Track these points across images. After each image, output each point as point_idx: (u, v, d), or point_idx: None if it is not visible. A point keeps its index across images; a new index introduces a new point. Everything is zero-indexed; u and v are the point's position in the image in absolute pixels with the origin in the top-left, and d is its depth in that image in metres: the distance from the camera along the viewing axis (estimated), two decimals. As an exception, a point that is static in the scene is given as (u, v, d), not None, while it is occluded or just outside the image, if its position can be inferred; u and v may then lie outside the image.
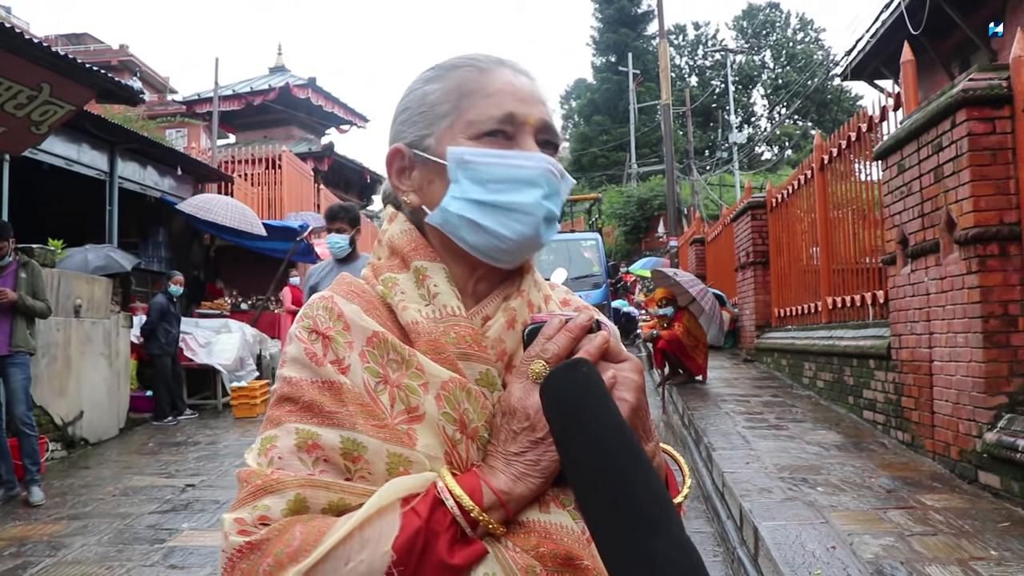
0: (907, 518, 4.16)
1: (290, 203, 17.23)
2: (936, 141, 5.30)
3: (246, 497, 0.92)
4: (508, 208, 0.99)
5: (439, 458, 0.92)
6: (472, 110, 1.03)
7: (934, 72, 13.07)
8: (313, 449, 0.92)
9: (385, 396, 0.94)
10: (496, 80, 1.05)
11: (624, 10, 52.93)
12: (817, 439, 6.28)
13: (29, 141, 7.46)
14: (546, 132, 1.05)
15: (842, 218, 8.53)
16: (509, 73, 1.06)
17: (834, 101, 49.66)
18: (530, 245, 1.02)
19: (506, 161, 1.00)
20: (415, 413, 0.93)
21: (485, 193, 1.00)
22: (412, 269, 1.04)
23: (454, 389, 0.94)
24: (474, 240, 1.01)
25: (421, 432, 0.93)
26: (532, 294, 1.08)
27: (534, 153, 1.01)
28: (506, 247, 1.01)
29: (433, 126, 1.05)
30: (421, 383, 0.94)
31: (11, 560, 5.01)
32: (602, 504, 0.78)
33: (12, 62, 6.32)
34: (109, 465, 7.91)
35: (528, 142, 1.02)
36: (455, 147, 1.02)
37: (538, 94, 1.07)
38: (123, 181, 11.53)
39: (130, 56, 33.48)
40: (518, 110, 1.02)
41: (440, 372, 0.95)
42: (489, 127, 1.01)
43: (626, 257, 33.93)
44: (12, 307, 6.51)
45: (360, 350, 0.97)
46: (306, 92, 23.86)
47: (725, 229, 15.28)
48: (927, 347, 5.57)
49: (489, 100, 1.03)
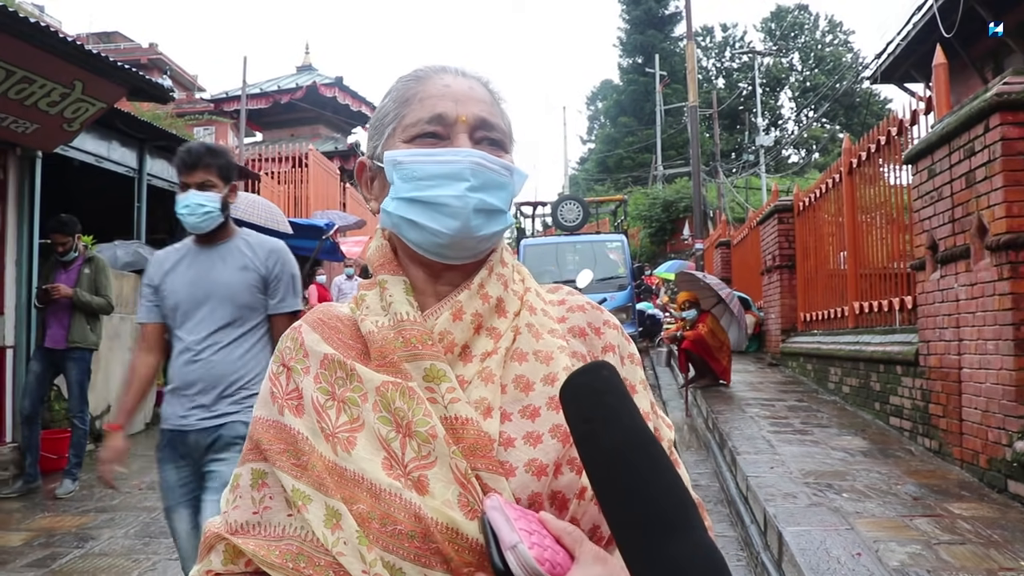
0: (934, 526, 4.12)
1: (316, 201, 17.32)
2: (968, 146, 5.24)
3: (200, 554, 1.08)
4: (436, 203, 1.04)
5: (374, 460, 0.96)
6: (408, 116, 1.09)
7: (966, 76, 12.92)
8: (262, 487, 1.04)
9: (333, 411, 1.02)
10: (431, 86, 1.11)
11: (651, 12, 52.85)
12: (843, 445, 6.24)
13: (61, 138, 7.53)
14: (484, 128, 1.09)
15: (870, 223, 8.47)
16: (449, 77, 1.12)
17: (863, 104, 49.24)
18: (465, 237, 1.05)
19: (432, 158, 1.05)
20: (356, 423, 1.00)
21: (415, 190, 1.05)
22: (377, 283, 1.11)
23: (387, 391, 0.99)
24: (415, 238, 1.07)
25: (361, 438, 0.98)
26: (491, 286, 1.09)
27: (460, 148, 1.06)
28: (442, 241, 1.05)
29: (381, 136, 1.13)
30: (361, 393, 1.01)
31: (41, 551, 5.08)
32: (622, 505, 0.78)
33: (46, 60, 6.39)
34: (135, 459, 7.97)
35: (461, 139, 1.07)
36: (391, 151, 1.09)
37: (476, 95, 1.11)
38: (152, 178, 11.61)
39: (159, 54, 33.78)
40: (448, 110, 1.08)
41: (374, 378, 1.01)
42: (419, 129, 1.08)
43: (651, 259, 33.82)
44: (71, 303, 6.58)
45: (315, 373, 1.06)
46: (333, 91, 24.00)
47: (751, 232, 15.20)
48: (956, 354, 5.52)
49: (422, 104, 1.09)
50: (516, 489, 0.94)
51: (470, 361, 1.04)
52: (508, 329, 1.07)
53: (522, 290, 1.14)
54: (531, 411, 1.00)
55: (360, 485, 0.95)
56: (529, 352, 1.05)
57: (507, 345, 1.05)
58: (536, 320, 1.10)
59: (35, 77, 6.44)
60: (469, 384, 1.01)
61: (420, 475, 0.94)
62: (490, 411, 0.99)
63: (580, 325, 1.14)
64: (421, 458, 0.95)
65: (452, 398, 0.98)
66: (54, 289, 6.52)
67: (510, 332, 1.07)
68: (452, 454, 0.94)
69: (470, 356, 1.04)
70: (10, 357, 7.22)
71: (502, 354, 1.04)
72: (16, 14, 5.95)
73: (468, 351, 1.05)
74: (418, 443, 0.96)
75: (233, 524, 1.04)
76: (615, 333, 1.16)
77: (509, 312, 1.09)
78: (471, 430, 0.96)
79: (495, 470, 0.95)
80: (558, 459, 0.97)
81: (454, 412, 0.97)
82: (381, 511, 0.93)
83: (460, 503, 0.92)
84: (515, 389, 1.02)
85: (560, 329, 1.11)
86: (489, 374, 1.02)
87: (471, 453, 0.95)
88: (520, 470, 0.96)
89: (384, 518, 0.93)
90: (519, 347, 1.06)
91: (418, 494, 0.93)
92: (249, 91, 21.14)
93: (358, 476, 0.96)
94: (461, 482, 0.93)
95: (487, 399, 1.00)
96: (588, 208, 20.22)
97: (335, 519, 0.95)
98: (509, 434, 0.99)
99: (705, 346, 9.80)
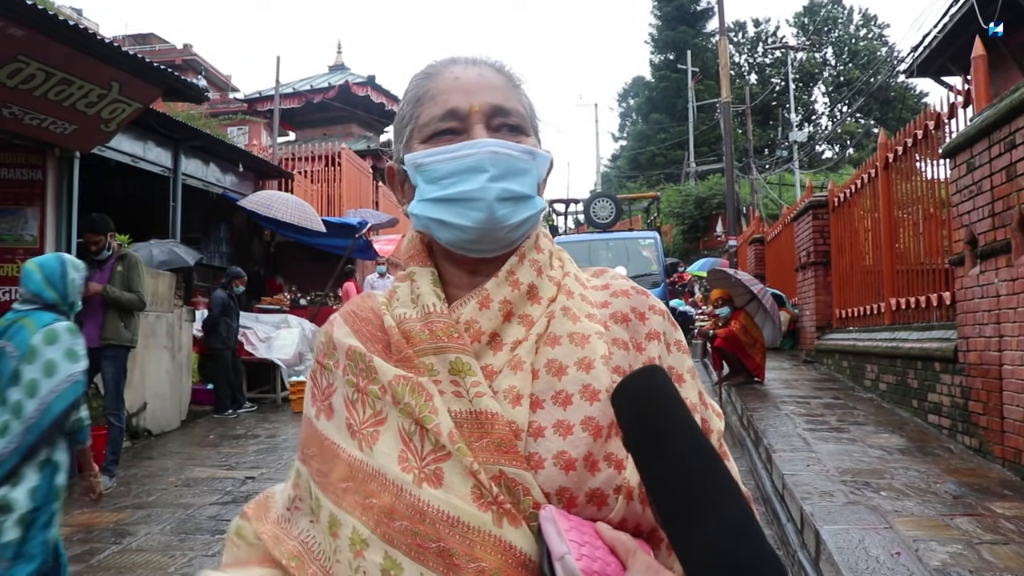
0: (975, 525, 4.05)
1: (349, 200, 17.40)
2: (1009, 138, 5.15)
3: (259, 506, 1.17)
4: (459, 199, 1.03)
5: (392, 455, 0.96)
6: (423, 115, 1.09)
7: (1006, 68, 12.71)
8: (296, 487, 1.09)
9: (359, 405, 1.03)
10: (441, 81, 1.09)
11: (683, 7, 52.59)
12: (880, 442, 6.16)
13: (98, 138, 7.64)
14: (500, 115, 1.07)
15: (907, 218, 8.36)
16: (458, 68, 1.10)
17: (898, 99, 48.69)
18: (494, 228, 1.03)
19: (449, 155, 1.04)
20: (379, 416, 1.00)
21: (439, 190, 1.04)
22: (408, 275, 1.11)
23: (397, 386, 0.99)
24: (445, 236, 1.06)
25: (383, 432, 0.99)
26: (521, 273, 1.07)
27: (476, 140, 1.04)
28: (470, 236, 1.04)
29: (402, 139, 1.13)
30: (380, 386, 1.01)
31: (79, 546, 5.15)
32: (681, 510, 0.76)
33: (84, 62, 6.48)
34: (171, 456, 8.07)
35: (477, 130, 1.05)
36: (410, 154, 1.08)
37: (487, 82, 1.09)
38: (186, 178, 11.75)
39: (194, 55, 34.18)
40: (460, 103, 1.06)
41: (388, 371, 1.01)
42: (434, 127, 1.07)
43: (684, 256, 33.67)
44: (103, 300, 6.63)
45: (343, 366, 1.07)
46: (365, 90, 24.09)
47: (785, 229, 15.06)
48: (997, 350, 5.42)
49: (434, 101, 1.08)
50: (544, 483, 0.92)
51: (500, 350, 1.02)
52: (542, 315, 1.05)
53: (560, 275, 1.12)
54: (563, 397, 0.97)
55: (378, 480, 0.95)
56: (563, 335, 1.03)
57: (539, 331, 1.03)
58: (573, 304, 1.07)
59: (73, 79, 6.53)
60: (498, 373, 1.00)
61: (436, 468, 0.94)
62: (519, 399, 0.97)
63: (623, 311, 1.09)
64: (438, 449, 0.94)
65: (477, 392, 0.97)
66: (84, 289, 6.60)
67: (544, 318, 1.05)
68: (457, 451, 0.93)
69: (500, 344, 1.03)
70: (49, 355, 7.31)
71: (533, 340, 1.02)
72: (56, 17, 6.04)
73: (498, 339, 1.03)
74: (432, 438, 0.95)
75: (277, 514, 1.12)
76: (661, 319, 1.11)
77: (543, 298, 1.07)
78: (498, 424, 0.95)
79: (520, 465, 0.93)
80: (590, 453, 0.94)
81: (480, 407, 0.96)
82: (392, 506, 0.93)
83: (473, 495, 0.91)
84: (547, 374, 0.99)
85: (600, 314, 1.08)
86: (518, 361, 1.00)
87: (495, 448, 0.93)
88: (548, 462, 0.93)
89: (392, 512, 0.93)
90: (552, 331, 1.03)
91: (432, 487, 0.92)
92: (282, 91, 21.29)
93: (377, 471, 0.96)
94: (473, 476, 0.92)
95: (516, 387, 0.98)
96: (621, 205, 20.18)
97: (335, 527, 0.97)
98: (540, 423, 0.96)
99: (738, 343, 9.72)
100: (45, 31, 6.03)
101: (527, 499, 0.91)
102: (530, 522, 0.90)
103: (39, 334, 3.22)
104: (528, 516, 0.91)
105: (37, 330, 3.23)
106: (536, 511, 0.90)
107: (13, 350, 3.18)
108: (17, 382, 3.14)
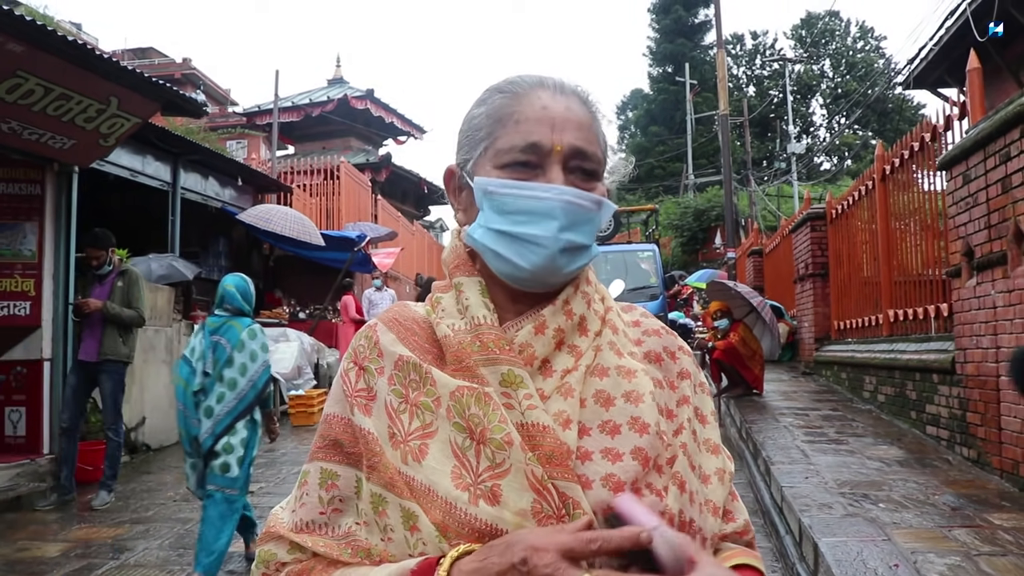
0: (974, 537, 4.05)
1: (348, 214, 17.41)
2: (1004, 150, 5.17)
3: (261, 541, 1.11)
4: (524, 239, 1.01)
5: (444, 470, 0.95)
6: (502, 138, 1.05)
7: (1001, 80, 12.74)
8: (331, 488, 1.05)
9: (406, 415, 1.01)
10: (528, 106, 1.05)
11: (681, 20, 52.79)
12: (878, 454, 6.15)
13: (97, 153, 7.66)
14: (578, 158, 1.05)
15: (904, 229, 8.37)
16: (547, 96, 1.06)
17: (895, 111, 48.82)
18: (547, 274, 1.03)
19: (524, 193, 1.02)
20: (428, 429, 0.98)
21: (505, 224, 1.02)
22: (453, 285, 1.10)
23: (461, 397, 0.98)
24: (496, 266, 1.05)
25: (433, 446, 0.97)
26: (576, 304, 1.08)
27: (553, 185, 1.01)
28: (523, 276, 1.03)
29: (474, 150, 1.09)
30: (434, 398, 0.99)
31: (77, 561, 5.14)
32: None
33: (83, 76, 6.50)
34: (170, 471, 8.05)
35: (554, 171, 1.03)
36: (481, 176, 1.05)
37: (574, 117, 1.06)
38: (185, 192, 11.76)
39: (193, 69, 34.25)
40: (544, 139, 1.03)
41: (449, 383, 1.00)
42: (512, 157, 1.04)
43: (683, 268, 33.67)
44: (103, 316, 6.65)
45: (389, 375, 1.05)
46: (364, 103, 24.17)
47: (784, 240, 15.09)
48: (994, 362, 5.43)
49: (517, 128, 1.04)
50: (592, 503, 0.93)
51: (550, 376, 1.02)
52: (589, 348, 1.06)
53: (603, 309, 1.13)
54: (611, 427, 0.99)
55: (427, 497, 0.94)
56: (611, 368, 1.05)
57: (588, 363, 1.04)
58: (618, 340, 1.09)
59: (72, 94, 6.55)
60: (548, 399, 1.00)
61: (493, 484, 0.93)
62: (569, 423, 0.98)
63: (656, 350, 1.13)
64: (495, 466, 0.94)
65: (529, 404, 0.97)
66: (84, 304, 6.61)
67: (591, 351, 1.06)
68: (528, 460, 0.93)
69: (550, 371, 1.03)
70: (47, 370, 7.33)
71: (582, 371, 1.03)
72: (55, 32, 6.06)
73: (548, 366, 1.03)
74: (492, 450, 0.94)
75: (299, 523, 1.06)
76: (689, 360, 1.16)
77: (591, 331, 1.08)
78: (549, 438, 0.95)
79: (571, 478, 0.93)
80: (636, 480, 0.96)
81: (531, 419, 0.96)
82: (443, 523, 0.92)
83: (534, 510, 0.91)
84: (595, 404, 1.01)
85: (638, 351, 1.11)
86: (569, 389, 1.01)
87: (547, 461, 0.94)
88: (597, 483, 0.94)
89: (446, 531, 0.92)
90: (600, 363, 1.05)
91: (488, 504, 0.92)
92: (281, 104, 21.34)
93: (426, 487, 0.95)
94: (536, 488, 0.92)
95: (566, 411, 0.99)
96: (619, 218, 20.21)
97: (412, 520, 0.94)
98: (587, 448, 0.97)
99: (736, 355, 9.73)
100: (44, 46, 6.05)
101: (578, 512, 0.92)
102: None
103: (244, 332, 4.65)
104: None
105: (242, 329, 4.66)
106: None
107: (226, 343, 4.58)
108: (231, 365, 4.51)
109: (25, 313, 7.28)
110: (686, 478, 1.01)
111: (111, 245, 6.84)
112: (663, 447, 1.00)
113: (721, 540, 1.09)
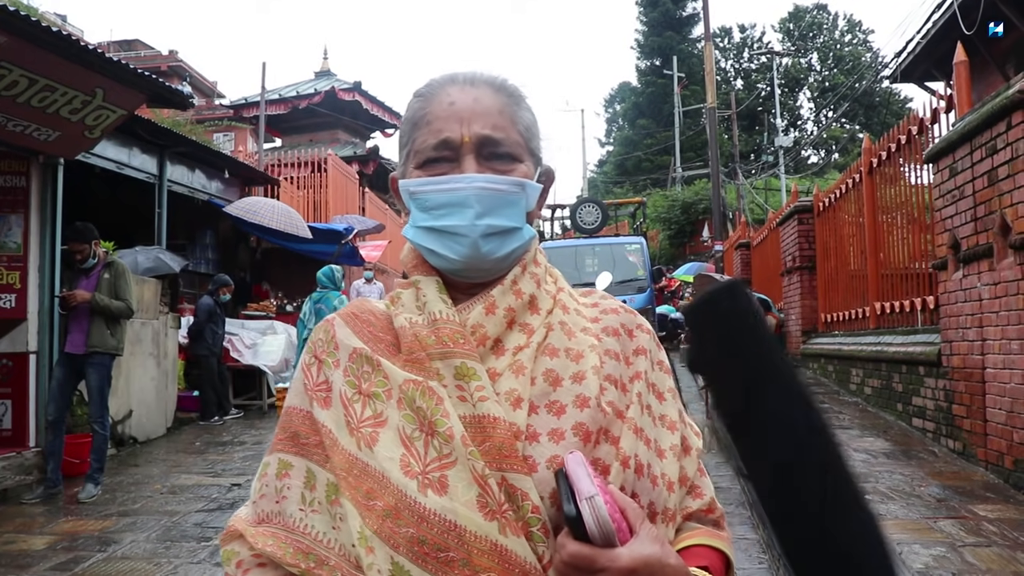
0: (959, 528, 4.08)
1: (335, 206, 17.34)
2: (991, 143, 5.20)
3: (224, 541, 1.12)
4: (447, 232, 1.06)
5: (393, 458, 0.97)
6: (418, 140, 1.10)
7: (988, 73, 12.80)
8: (284, 477, 1.07)
9: (358, 405, 1.04)
10: (438, 105, 1.10)
11: (669, 13, 52.75)
12: (865, 446, 6.19)
13: (83, 145, 7.60)
14: (490, 145, 1.08)
15: (891, 223, 8.41)
16: (455, 91, 1.10)
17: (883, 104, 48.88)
18: (477, 262, 1.07)
19: (440, 187, 1.06)
20: (380, 418, 1.01)
21: (429, 219, 1.08)
22: (412, 283, 1.13)
23: (409, 390, 1.01)
24: (434, 261, 1.10)
25: (383, 434, 1.00)
26: (524, 283, 1.11)
27: (465, 175, 1.05)
28: (455, 267, 1.08)
29: (402, 158, 1.16)
30: (385, 389, 1.03)
31: (64, 554, 5.11)
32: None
33: (68, 68, 6.44)
34: (157, 463, 8.03)
35: (467, 162, 1.07)
36: (404, 180, 1.12)
37: (482, 108, 1.09)
38: (172, 184, 11.69)
39: (179, 61, 34.01)
40: (453, 133, 1.07)
41: (398, 375, 1.03)
42: (427, 155, 1.08)
43: (670, 261, 33.72)
44: (90, 307, 6.61)
45: (344, 367, 1.08)
46: (352, 96, 24.05)
47: (771, 233, 15.13)
48: (979, 354, 5.46)
49: (429, 128, 1.09)
50: (539, 486, 0.95)
51: (502, 354, 1.05)
52: (541, 325, 1.09)
53: (555, 290, 1.16)
54: (557, 407, 1.01)
55: (378, 481, 0.96)
56: (561, 349, 1.07)
57: (539, 340, 1.07)
58: (569, 319, 1.12)
59: (57, 85, 6.50)
60: (500, 376, 1.02)
61: (441, 475, 0.95)
62: (519, 402, 1.00)
63: (614, 326, 1.15)
64: (442, 457, 0.96)
65: (480, 396, 0.99)
66: (70, 296, 6.57)
67: (542, 328, 1.09)
68: (469, 455, 0.94)
69: (502, 349, 1.06)
70: (33, 363, 7.29)
71: (534, 348, 1.06)
72: (39, 23, 6.01)
73: (500, 344, 1.06)
74: (439, 442, 0.96)
75: (260, 514, 1.08)
76: (648, 337, 1.18)
77: (542, 309, 1.11)
78: (499, 428, 0.97)
79: (520, 470, 0.95)
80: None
81: (482, 411, 0.98)
82: (395, 510, 0.94)
83: (479, 503, 0.92)
84: (544, 383, 1.03)
85: (594, 328, 1.13)
86: (520, 366, 1.03)
87: (497, 453, 0.95)
88: (542, 466, 0.96)
89: (397, 517, 0.93)
90: (551, 343, 1.08)
91: (436, 494, 0.93)
92: (268, 97, 21.23)
93: (379, 473, 0.97)
94: (479, 482, 0.93)
95: (516, 390, 1.01)
96: (607, 211, 20.19)
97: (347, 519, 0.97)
98: (535, 428, 0.99)
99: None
100: (29, 37, 6.00)
101: (526, 504, 0.93)
102: (529, 528, 0.92)
103: (337, 300, 7.29)
104: (528, 522, 0.93)
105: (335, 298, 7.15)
106: (535, 515, 0.93)
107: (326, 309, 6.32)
108: None
109: (10, 306, 7.23)
110: (632, 452, 1.02)
111: (94, 238, 6.79)
112: (606, 419, 1.02)
113: (686, 519, 1.10)
